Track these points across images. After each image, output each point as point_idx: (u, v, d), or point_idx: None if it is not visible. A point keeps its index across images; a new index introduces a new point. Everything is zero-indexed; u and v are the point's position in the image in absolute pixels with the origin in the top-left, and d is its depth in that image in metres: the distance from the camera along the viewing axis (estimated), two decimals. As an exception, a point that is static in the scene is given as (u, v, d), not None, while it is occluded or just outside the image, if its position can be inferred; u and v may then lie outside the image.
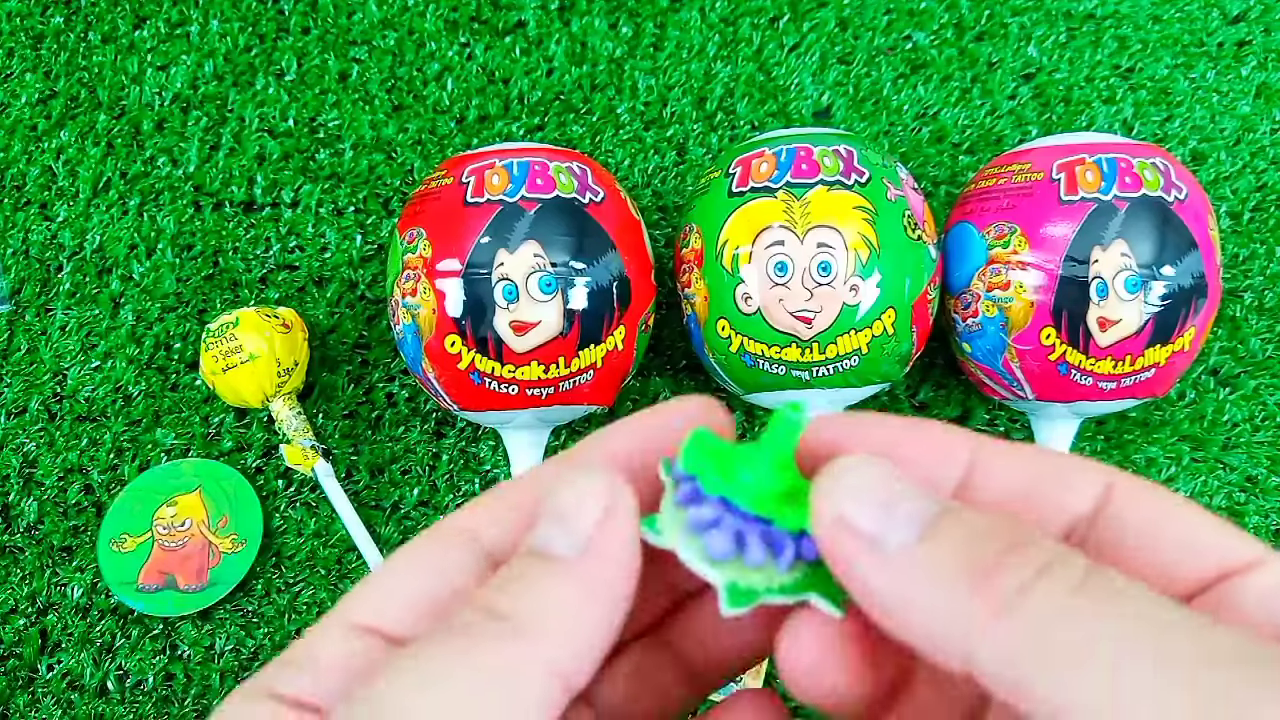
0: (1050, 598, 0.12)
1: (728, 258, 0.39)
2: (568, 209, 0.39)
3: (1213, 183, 0.51)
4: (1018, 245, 0.39)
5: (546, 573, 0.14)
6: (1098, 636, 0.12)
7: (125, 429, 0.47)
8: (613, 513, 0.15)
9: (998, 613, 0.12)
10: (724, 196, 0.40)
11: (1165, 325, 0.38)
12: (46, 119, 0.52)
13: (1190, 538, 0.14)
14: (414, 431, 0.47)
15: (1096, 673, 0.12)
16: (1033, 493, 0.15)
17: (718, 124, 0.52)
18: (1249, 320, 0.48)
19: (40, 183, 0.51)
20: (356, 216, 0.51)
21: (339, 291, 0.49)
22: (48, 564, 0.45)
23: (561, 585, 0.14)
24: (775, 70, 0.53)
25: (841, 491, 0.14)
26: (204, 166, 0.51)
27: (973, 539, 0.13)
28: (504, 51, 0.53)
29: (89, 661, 0.44)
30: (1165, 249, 0.38)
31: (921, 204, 0.41)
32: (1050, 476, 0.15)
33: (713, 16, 0.54)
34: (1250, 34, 0.53)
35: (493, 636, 0.13)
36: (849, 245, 0.38)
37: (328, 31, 0.54)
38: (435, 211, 0.40)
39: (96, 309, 0.49)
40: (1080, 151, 0.39)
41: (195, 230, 0.50)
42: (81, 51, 0.54)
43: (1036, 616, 0.12)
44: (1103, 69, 0.53)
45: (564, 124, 0.52)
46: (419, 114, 0.52)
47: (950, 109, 0.52)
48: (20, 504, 0.46)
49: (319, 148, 0.52)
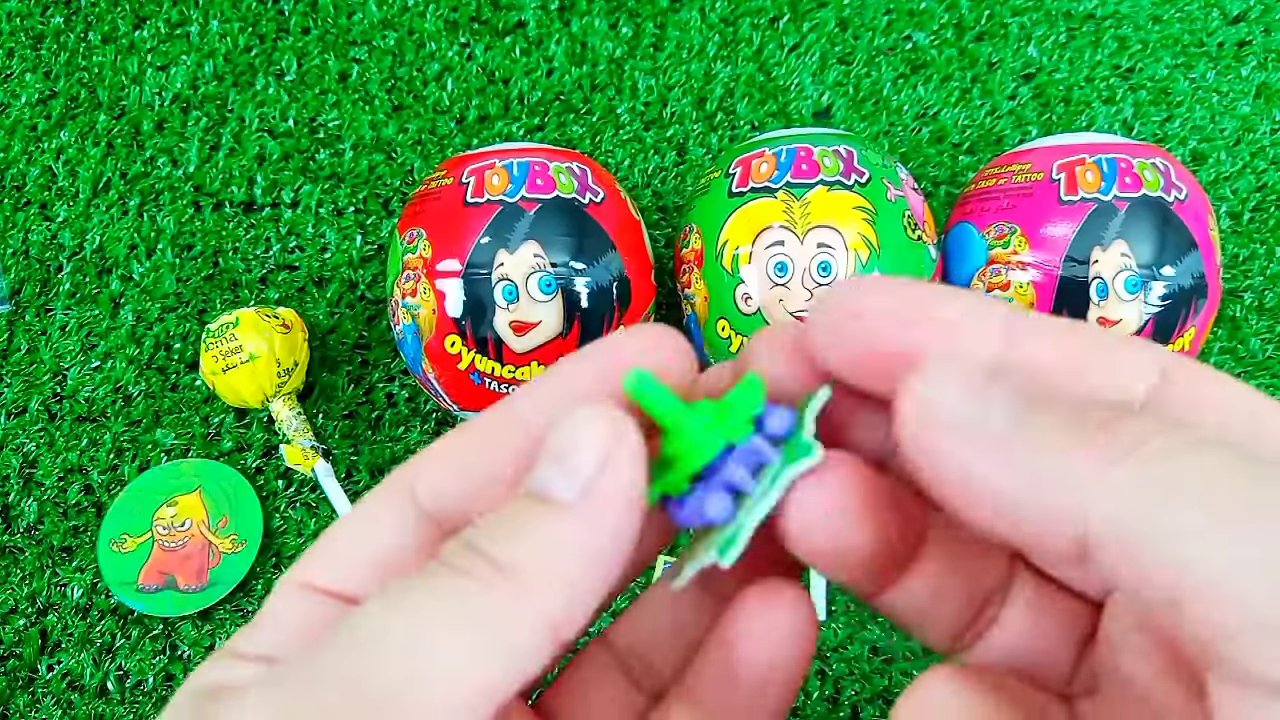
0: (1169, 446, 0.11)
1: (728, 258, 0.39)
2: (568, 209, 0.39)
3: (1213, 183, 0.51)
4: (1018, 245, 0.39)
5: (545, 518, 0.14)
6: (1220, 484, 0.11)
7: (125, 429, 0.47)
8: (616, 454, 0.14)
9: (1115, 460, 0.11)
10: (724, 197, 0.40)
11: (1165, 325, 0.38)
12: (46, 119, 0.52)
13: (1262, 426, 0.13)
14: (414, 431, 0.47)
15: (1222, 521, 0.11)
16: (1079, 372, 0.14)
17: (718, 124, 0.52)
18: (1249, 320, 0.48)
19: (40, 183, 0.51)
20: (356, 216, 0.51)
21: (339, 291, 0.49)
22: (48, 564, 0.45)
23: (561, 532, 0.13)
24: (775, 70, 0.53)
25: (933, 383, 0.13)
26: (204, 166, 0.51)
27: (1075, 415, 0.12)
28: (504, 51, 0.53)
29: (89, 662, 0.44)
30: (1165, 249, 0.38)
31: (921, 204, 0.41)
32: (1097, 357, 0.14)
33: (713, 16, 0.54)
34: (1250, 34, 0.53)
35: (487, 582, 0.13)
36: (849, 245, 0.38)
37: (328, 31, 0.54)
38: (435, 212, 0.40)
39: (96, 309, 0.49)
40: (1080, 152, 0.39)
41: (195, 230, 0.50)
42: (81, 51, 0.54)
43: (1157, 459, 0.11)
44: (1103, 69, 0.53)
45: (564, 124, 0.52)
46: (419, 114, 0.52)
47: (950, 109, 0.52)
48: (20, 504, 0.46)
49: (319, 148, 0.52)
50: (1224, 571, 0.10)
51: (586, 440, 0.14)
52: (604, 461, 0.14)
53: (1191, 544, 0.11)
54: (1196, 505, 0.11)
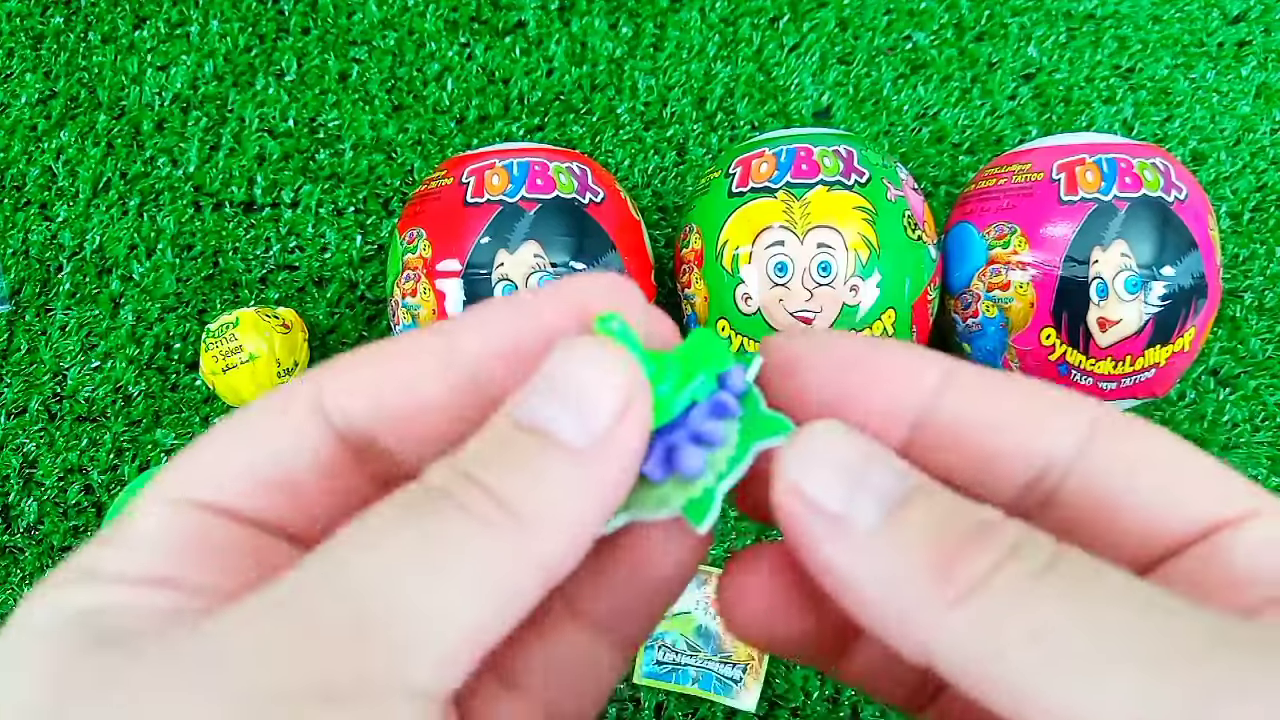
0: (1011, 583, 0.12)
1: (728, 258, 0.39)
2: (568, 209, 0.39)
3: (1213, 183, 0.51)
4: (1018, 245, 0.39)
5: (552, 460, 0.13)
6: (1055, 626, 0.11)
7: (125, 429, 0.47)
8: (636, 404, 0.13)
9: (956, 601, 0.12)
10: (724, 197, 0.40)
11: (1165, 325, 0.38)
12: (46, 119, 0.52)
13: (1178, 486, 0.13)
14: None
15: (1053, 666, 0.11)
16: (1005, 427, 0.14)
17: (718, 124, 0.52)
18: (1249, 320, 0.48)
19: (40, 183, 0.51)
20: (356, 216, 0.51)
21: (339, 291, 0.49)
22: (48, 564, 0.45)
23: (569, 479, 0.13)
24: (775, 70, 0.53)
25: (807, 462, 0.13)
26: (204, 166, 0.51)
27: (940, 522, 0.13)
28: (504, 51, 0.53)
29: (89, 661, 0.44)
30: (1165, 249, 0.38)
31: (921, 204, 0.41)
32: (1026, 411, 0.14)
33: (713, 16, 0.54)
34: (1250, 34, 0.53)
35: (488, 520, 0.12)
36: (849, 245, 0.38)
37: (328, 31, 0.54)
38: (435, 212, 0.40)
39: (96, 309, 0.49)
40: (1080, 152, 0.39)
41: (195, 230, 0.50)
42: (81, 51, 0.54)
43: (994, 604, 0.12)
44: (1103, 69, 0.53)
45: (564, 124, 0.52)
46: (419, 114, 0.52)
47: (950, 109, 0.52)
48: (20, 504, 0.46)
49: (319, 148, 0.52)
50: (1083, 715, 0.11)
51: (606, 384, 0.13)
52: (623, 410, 0.13)
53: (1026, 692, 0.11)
54: (1032, 657, 0.11)
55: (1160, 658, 0.11)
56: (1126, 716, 0.10)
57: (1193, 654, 0.11)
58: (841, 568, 0.13)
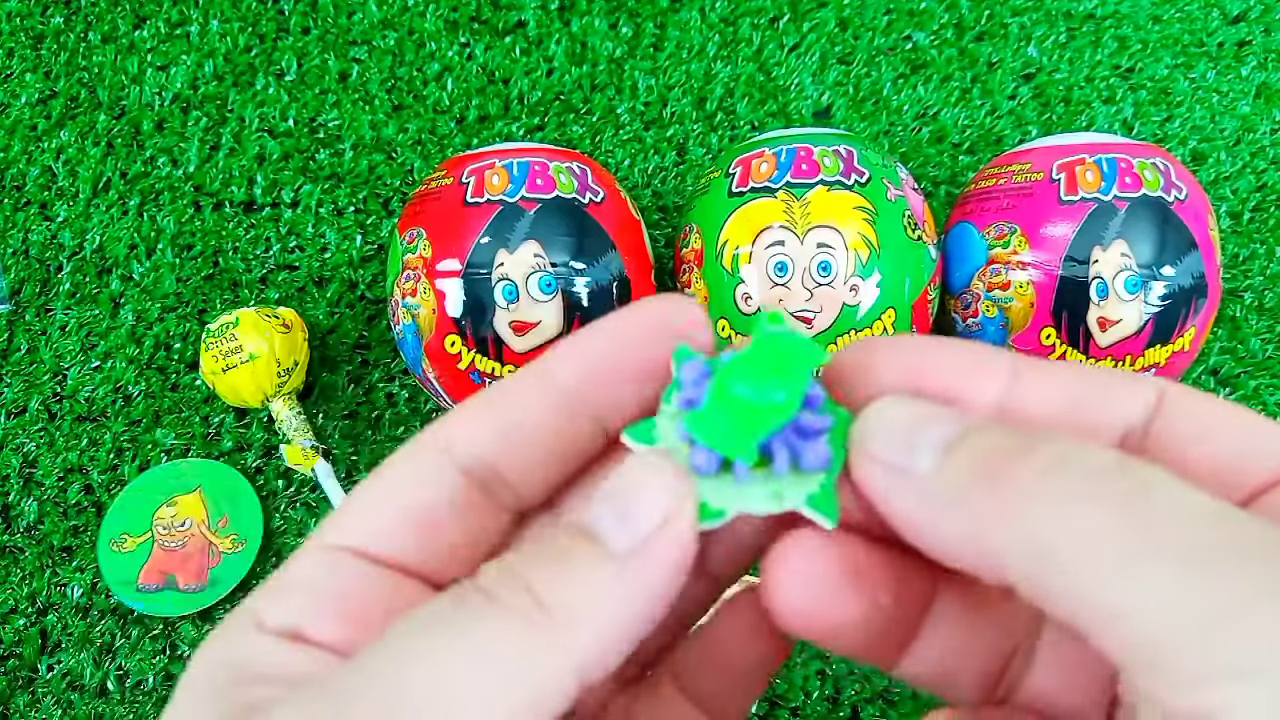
0: (1066, 485, 0.12)
1: (728, 258, 0.39)
2: (568, 209, 0.39)
3: (1213, 183, 0.51)
4: (1018, 245, 0.39)
5: (595, 562, 0.14)
6: (1098, 525, 0.11)
7: (125, 429, 0.47)
8: (677, 516, 0.14)
9: (1015, 509, 0.12)
10: (724, 197, 0.40)
11: (1165, 325, 0.38)
12: (46, 119, 0.52)
13: (1251, 437, 0.14)
14: (414, 431, 0.47)
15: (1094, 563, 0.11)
16: (1079, 407, 0.15)
17: (718, 124, 0.52)
18: (1249, 320, 0.48)
19: (40, 183, 0.51)
20: (356, 216, 0.51)
21: (339, 291, 0.49)
22: (48, 564, 0.45)
23: (609, 581, 0.13)
24: (775, 70, 0.53)
25: (869, 431, 0.14)
26: (204, 166, 0.51)
27: (989, 447, 0.13)
28: (504, 51, 0.53)
29: (89, 661, 0.44)
30: (1165, 249, 0.38)
31: (921, 204, 0.41)
32: (1097, 391, 0.15)
33: (713, 16, 0.54)
34: (1250, 34, 0.53)
35: (528, 618, 0.13)
36: (849, 245, 0.38)
37: (328, 31, 0.54)
38: (435, 211, 0.40)
39: (96, 309, 0.49)
40: (1080, 151, 0.39)
41: (195, 230, 0.50)
42: (81, 51, 0.54)
43: (1052, 506, 0.12)
44: (1103, 69, 0.53)
45: (564, 124, 0.52)
46: (419, 114, 0.52)
47: (950, 109, 0.52)
48: (20, 504, 0.46)
49: (319, 148, 0.52)
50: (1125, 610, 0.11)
51: (649, 492, 0.14)
52: (663, 521, 0.14)
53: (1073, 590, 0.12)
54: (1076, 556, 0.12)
55: (1202, 555, 0.11)
56: (1164, 608, 0.11)
57: (1239, 554, 0.11)
58: (910, 512, 0.14)
